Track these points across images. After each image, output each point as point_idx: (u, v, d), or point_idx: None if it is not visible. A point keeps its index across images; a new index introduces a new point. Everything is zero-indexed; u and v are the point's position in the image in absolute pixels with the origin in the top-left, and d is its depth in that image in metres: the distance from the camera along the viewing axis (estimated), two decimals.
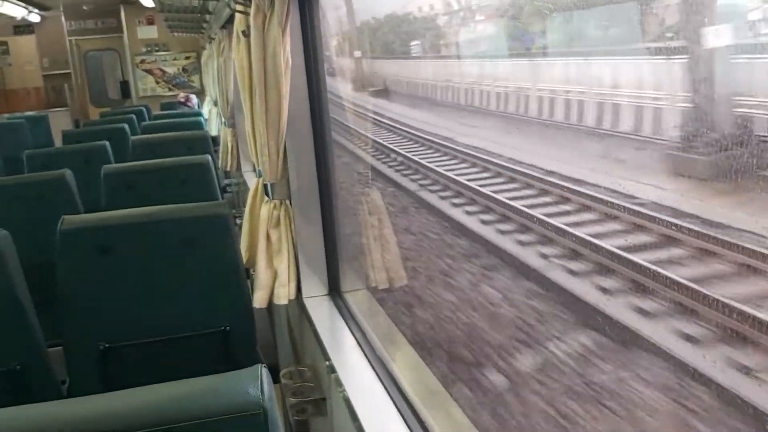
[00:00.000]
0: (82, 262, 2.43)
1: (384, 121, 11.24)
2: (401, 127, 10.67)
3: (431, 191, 7.41)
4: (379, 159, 9.09)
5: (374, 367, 2.24)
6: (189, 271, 2.56)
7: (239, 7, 2.83)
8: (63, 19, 12.54)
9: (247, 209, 3.04)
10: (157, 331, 2.53)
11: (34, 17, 11.50)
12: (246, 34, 2.84)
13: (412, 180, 8.06)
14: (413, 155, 8.84)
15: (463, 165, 7.72)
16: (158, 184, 3.79)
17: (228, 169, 6.10)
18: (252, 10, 2.44)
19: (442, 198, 7.04)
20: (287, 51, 2.48)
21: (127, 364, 2.50)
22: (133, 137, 5.30)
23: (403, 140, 10.05)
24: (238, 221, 3.24)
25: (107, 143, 4.96)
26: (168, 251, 2.53)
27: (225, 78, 5.78)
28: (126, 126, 6.14)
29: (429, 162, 8.18)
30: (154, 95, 12.58)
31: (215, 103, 8.45)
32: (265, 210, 2.76)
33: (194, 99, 10.33)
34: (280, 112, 2.55)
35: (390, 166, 8.85)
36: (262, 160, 2.72)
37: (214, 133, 7.71)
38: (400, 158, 9.04)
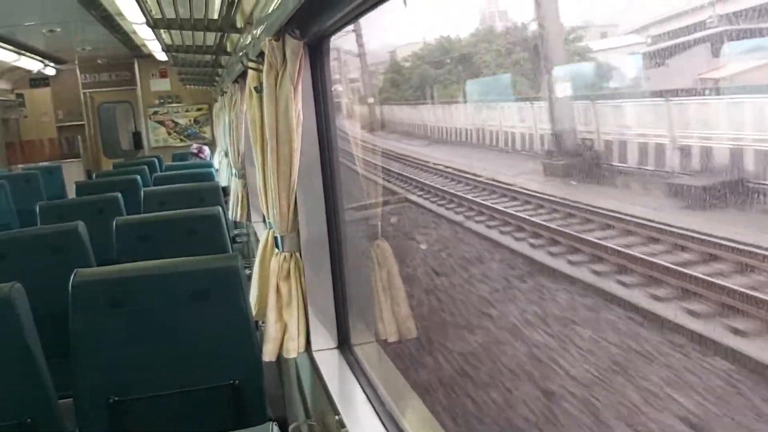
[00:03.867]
0: (95, 315, 2.44)
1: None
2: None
3: None
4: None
5: (384, 422, 2.22)
6: (199, 324, 2.56)
7: (252, 65, 2.90)
8: (78, 72, 12.81)
9: (257, 261, 3.05)
10: (167, 385, 2.52)
11: (50, 71, 11.75)
12: (258, 90, 2.90)
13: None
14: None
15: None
16: (170, 235, 3.83)
17: (238, 219, 6.14)
18: (265, 68, 2.49)
19: None
20: (299, 107, 2.52)
21: (137, 418, 2.49)
22: (145, 188, 5.36)
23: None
24: (247, 272, 3.25)
25: (119, 195, 5.01)
26: (179, 304, 2.54)
27: (236, 130, 5.87)
28: (138, 177, 6.22)
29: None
30: (166, 146, 12.75)
31: (226, 154, 8.55)
32: (275, 262, 2.77)
33: (206, 150, 10.45)
34: (291, 166, 2.59)
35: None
36: (273, 213, 2.74)
37: (224, 183, 7.78)
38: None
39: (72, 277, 2.45)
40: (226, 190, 6.93)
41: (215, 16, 4.21)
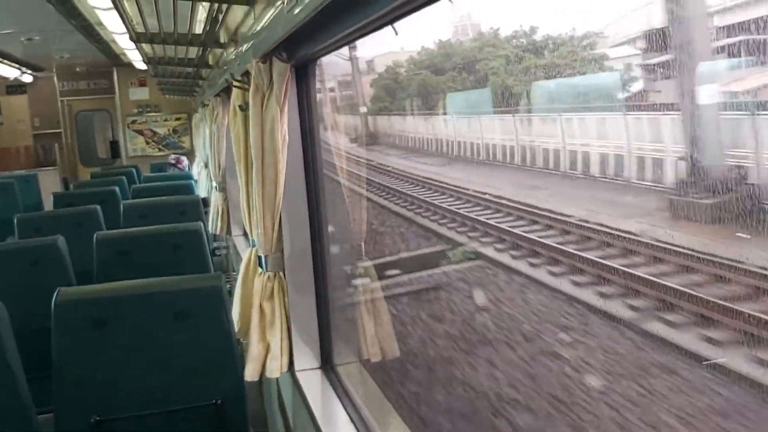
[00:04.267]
0: (78, 334, 2.43)
1: None
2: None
3: None
4: None
5: None
6: (182, 343, 2.56)
7: (237, 83, 2.91)
8: (55, 79, 12.70)
9: (239, 279, 3.05)
10: (149, 405, 2.51)
11: (27, 78, 11.63)
12: (243, 108, 2.91)
13: None
14: None
15: None
16: (151, 250, 3.81)
17: (218, 233, 6.12)
18: (251, 89, 2.50)
19: None
20: (285, 128, 2.53)
21: None
22: (124, 201, 5.33)
23: None
24: (227, 286, 3.25)
25: (98, 208, 4.97)
26: (162, 324, 2.53)
27: (218, 144, 5.85)
28: (117, 189, 6.17)
29: None
30: (144, 155, 12.66)
31: (205, 165, 8.52)
32: (258, 282, 2.77)
33: (185, 161, 10.39)
34: (277, 186, 2.59)
35: None
36: (257, 233, 2.74)
37: (203, 194, 7.75)
38: None
39: (55, 295, 2.44)
40: (205, 201, 6.90)
41: (199, 31, 4.21)
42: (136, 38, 4.25)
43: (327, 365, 2.82)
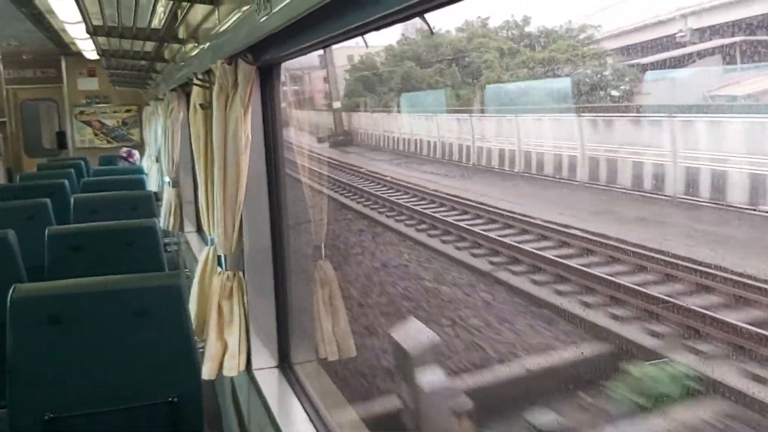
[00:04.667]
0: (33, 332, 2.40)
1: None
2: None
3: None
4: None
5: None
6: (139, 341, 2.55)
7: (198, 81, 2.91)
8: (1, 67, 12.33)
9: (196, 278, 3.05)
10: (104, 402, 2.50)
11: None
12: (203, 106, 2.91)
13: None
14: None
15: None
16: (104, 246, 3.77)
17: (170, 229, 6.05)
18: (216, 89, 2.51)
19: None
20: (248, 128, 2.55)
21: None
22: (75, 195, 5.23)
23: None
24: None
25: (48, 201, 4.88)
26: (119, 322, 2.52)
27: (172, 139, 5.79)
28: (66, 182, 6.05)
29: None
30: (92, 147, 12.38)
31: (156, 159, 8.41)
32: (217, 281, 2.78)
33: (136, 154, 10.22)
34: (239, 186, 2.61)
35: None
36: (217, 232, 2.75)
37: (154, 188, 7.65)
38: None
39: (11, 292, 2.41)
40: (156, 196, 6.82)
41: (158, 25, 4.17)
42: (93, 31, 4.18)
43: (285, 363, 2.85)
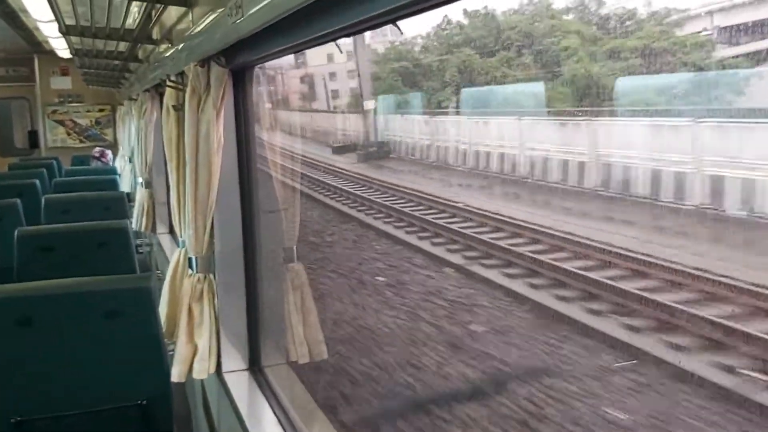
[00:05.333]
0: (0, 333, 2.38)
1: None
2: None
3: None
4: None
5: None
6: (108, 344, 2.54)
7: (171, 84, 2.91)
8: None
9: (167, 280, 3.04)
10: (73, 405, 2.48)
11: None
12: (177, 108, 2.91)
13: None
14: None
15: None
16: (75, 248, 3.73)
17: (143, 230, 6.01)
18: (188, 92, 2.51)
19: None
20: (220, 131, 2.55)
21: None
22: (46, 196, 5.18)
23: None
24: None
25: (18, 201, 4.81)
26: (88, 324, 2.51)
27: (145, 140, 5.75)
28: (37, 182, 5.98)
29: None
30: (65, 146, 12.23)
31: (130, 159, 8.33)
32: (187, 283, 2.77)
33: (109, 154, 10.11)
34: (210, 188, 2.61)
35: None
36: (188, 234, 2.75)
37: (127, 189, 7.59)
38: None
39: None
40: (129, 197, 6.76)
41: (131, 26, 4.15)
42: (66, 30, 4.15)
43: (255, 366, 2.85)
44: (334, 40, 1.67)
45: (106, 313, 2.50)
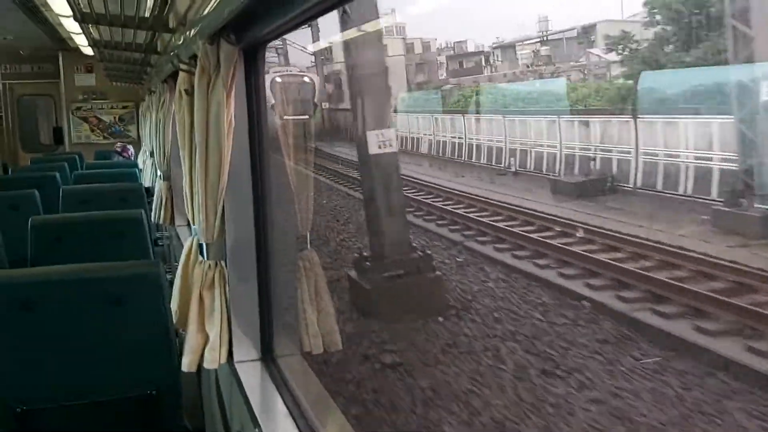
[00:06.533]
0: (4, 320, 2.32)
1: None
2: None
3: None
4: None
5: None
6: (116, 331, 2.47)
7: (184, 66, 2.83)
8: None
9: (179, 268, 2.96)
10: (80, 395, 2.42)
11: None
12: (189, 92, 2.82)
13: None
14: None
15: None
16: (90, 237, 3.69)
17: (161, 222, 5.97)
18: (197, 72, 2.43)
19: None
20: (231, 112, 2.47)
21: (46, 429, 2.37)
22: (64, 187, 5.17)
23: None
24: (169, 277, 3.16)
25: (36, 191, 4.80)
26: (95, 311, 2.44)
27: (163, 131, 5.71)
28: (57, 174, 5.98)
29: None
30: (89, 143, 12.32)
31: (151, 154, 8.33)
32: (198, 270, 2.69)
33: (131, 149, 10.15)
34: (221, 173, 2.53)
35: None
36: (199, 220, 2.67)
37: (148, 184, 7.58)
38: None
39: None
40: (149, 191, 6.74)
41: (147, 14, 4.09)
42: (81, 18, 4.10)
43: (267, 356, 2.76)
44: (342, 4, 1.58)
45: (112, 300, 2.43)
